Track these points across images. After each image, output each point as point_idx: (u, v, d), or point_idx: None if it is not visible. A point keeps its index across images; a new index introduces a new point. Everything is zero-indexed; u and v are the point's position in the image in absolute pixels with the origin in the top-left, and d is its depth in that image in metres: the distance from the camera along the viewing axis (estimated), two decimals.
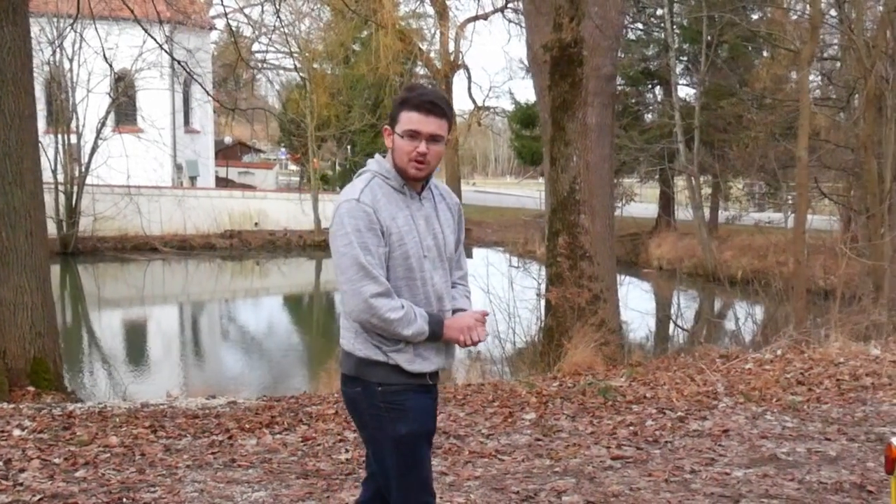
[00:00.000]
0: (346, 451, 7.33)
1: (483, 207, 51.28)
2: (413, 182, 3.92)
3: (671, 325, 22.40)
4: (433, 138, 3.80)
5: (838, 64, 27.46)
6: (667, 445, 7.63)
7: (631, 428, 8.13)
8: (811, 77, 31.35)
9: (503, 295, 15.85)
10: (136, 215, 37.26)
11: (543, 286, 15.34)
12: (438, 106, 3.82)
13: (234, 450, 7.29)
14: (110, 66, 22.35)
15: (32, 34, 30.98)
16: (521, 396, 9.23)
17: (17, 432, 7.50)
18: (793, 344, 11.98)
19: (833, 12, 22.15)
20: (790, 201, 26.63)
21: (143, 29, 16.77)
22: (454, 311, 3.99)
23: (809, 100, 16.09)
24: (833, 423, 8.30)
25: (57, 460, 6.87)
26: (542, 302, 15.06)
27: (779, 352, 11.62)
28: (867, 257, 15.78)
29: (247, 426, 7.96)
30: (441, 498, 6.31)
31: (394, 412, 3.87)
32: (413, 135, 3.79)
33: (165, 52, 17.93)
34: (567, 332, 13.05)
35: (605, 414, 8.58)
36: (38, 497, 6.09)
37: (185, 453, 7.15)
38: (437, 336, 3.84)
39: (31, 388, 10.51)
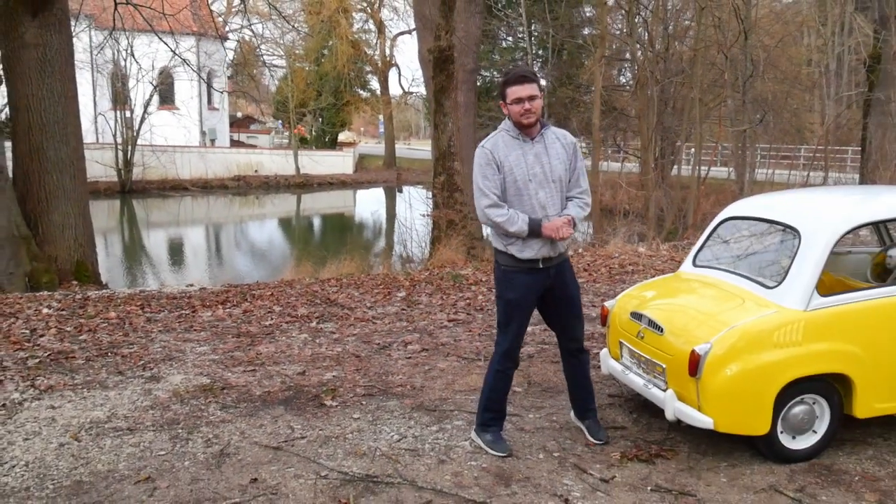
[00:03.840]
0: (272, 319, 7.20)
1: (412, 159, 50.71)
2: (527, 130, 3.97)
3: None
4: (531, 98, 3.88)
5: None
6: (488, 311, 7.61)
7: (467, 301, 8.09)
8: (622, 70, 31.45)
9: (406, 216, 15.71)
10: (172, 166, 36.25)
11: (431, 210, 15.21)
12: (527, 76, 3.91)
13: (194, 319, 7.12)
14: (140, 67, 21.61)
15: (96, 40, 30.11)
16: (399, 281, 9.12)
17: (45, 310, 7.23)
18: (588, 245, 12.07)
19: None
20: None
21: (161, 41, 16.06)
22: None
23: (600, 85, 16.00)
24: (600, 296, 8.35)
25: (68, 328, 6.66)
26: (431, 220, 14.96)
27: (580, 250, 11.68)
28: (643, 189, 15.91)
29: (207, 303, 7.76)
30: (326, 347, 6.26)
31: (507, 283, 4.08)
32: (517, 100, 3.89)
33: (180, 58, 17.21)
34: (445, 240, 13.03)
35: (453, 292, 8.53)
36: (47, 353, 5.90)
37: (159, 322, 6.96)
38: (536, 233, 3.91)
39: (75, 283, 10.20)
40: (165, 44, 16.48)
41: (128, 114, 35.24)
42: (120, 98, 35.40)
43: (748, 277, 4.42)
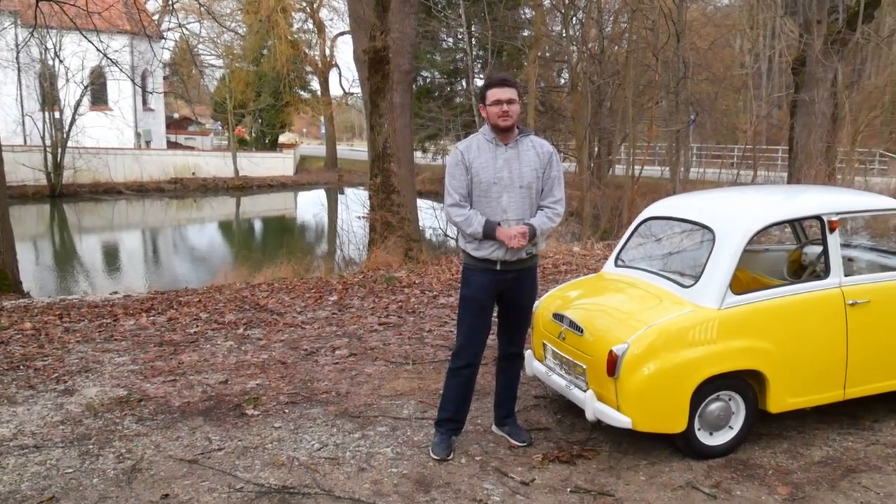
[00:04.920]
0: (197, 326, 7.02)
1: (354, 160, 50.38)
2: (503, 135, 4.02)
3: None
4: (509, 101, 3.95)
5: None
6: (419, 314, 7.57)
7: (399, 304, 8.03)
8: (561, 71, 31.66)
9: (345, 218, 15.53)
10: (105, 168, 35.26)
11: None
12: (507, 80, 4.01)
13: (115, 328, 6.89)
14: (67, 67, 20.78)
15: (21, 38, 29.20)
16: (332, 284, 9.01)
17: None
18: None
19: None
20: None
21: (87, 39, 15.53)
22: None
23: (534, 86, 16.11)
24: None
25: None
26: (368, 222, 14.82)
27: None
28: (579, 189, 16.02)
29: (130, 312, 7.52)
30: (251, 355, 6.13)
31: (465, 280, 4.19)
32: (496, 102, 3.95)
33: (108, 59, 16.71)
34: (381, 243, 12.94)
35: (385, 295, 8.46)
36: None
37: (78, 333, 6.71)
38: (490, 236, 3.96)
39: None
40: (91, 43, 15.97)
41: (57, 115, 34.18)
42: (49, 98, 34.32)
43: (666, 277, 4.47)
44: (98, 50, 16.37)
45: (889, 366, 4.48)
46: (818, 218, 4.41)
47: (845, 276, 4.41)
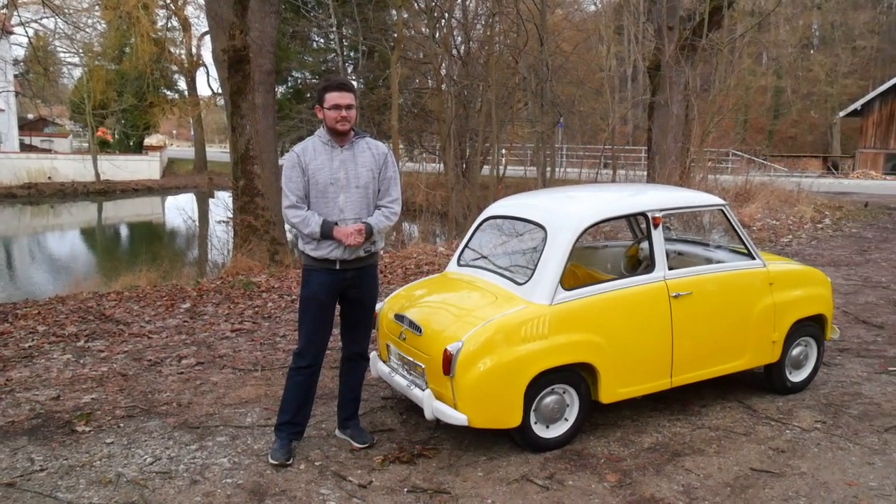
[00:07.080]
0: (33, 340, 6.60)
1: (225, 163, 48.92)
2: (339, 138, 4.07)
3: None
4: (348, 107, 4.00)
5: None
6: (275, 320, 7.43)
7: (256, 309, 7.84)
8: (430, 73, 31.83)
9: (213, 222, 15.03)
10: None
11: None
12: (346, 85, 4.07)
13: None
14: None
15: None
16: (186, 292, 8.69)
17: None
18: (387, 248, 12.09)
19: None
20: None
21: None
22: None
23: (396, 86, 16.18)
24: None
25: None
26: (231, 227, 14.43)
27: (380, 253, 11.63)
28: (447, 188, 16.17)
29: None
30: (90, 368, 5.84)
31: (304, 280, 4.17)
32: (336, 107, 3.98)
33: None
34: (244, 247, 12.64)
35: (242, 301, 8.23)
36: None
37: None
38: (327, 236, 3.99)
39: None
40: None
41: None
42: None
43: (503, 275, 4.57)
44: None
45: (711, 353, 4.75)
46: (643, 215, 4.63)
47: (674, 269, 4.65)
